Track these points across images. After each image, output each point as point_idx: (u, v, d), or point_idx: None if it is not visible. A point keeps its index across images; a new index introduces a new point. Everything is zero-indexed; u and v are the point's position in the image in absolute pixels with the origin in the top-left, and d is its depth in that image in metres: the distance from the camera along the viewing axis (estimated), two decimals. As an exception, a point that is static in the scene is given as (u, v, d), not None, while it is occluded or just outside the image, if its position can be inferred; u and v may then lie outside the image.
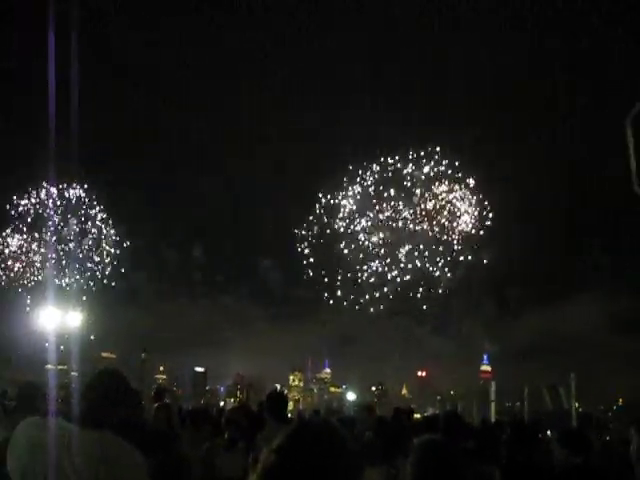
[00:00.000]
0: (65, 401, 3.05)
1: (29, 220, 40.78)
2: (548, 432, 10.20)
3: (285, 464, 1.38)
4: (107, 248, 41.97)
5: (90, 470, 2.43)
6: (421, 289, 38.79)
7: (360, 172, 39.08)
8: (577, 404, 10.55)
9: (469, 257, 38.42)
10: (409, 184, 38.67)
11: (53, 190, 41.03)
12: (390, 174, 38.87)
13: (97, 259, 41.42)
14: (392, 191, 38.75)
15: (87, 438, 2.51)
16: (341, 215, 39.07)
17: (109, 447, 2.52)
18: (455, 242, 38.37)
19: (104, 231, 41.95)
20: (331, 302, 39.85)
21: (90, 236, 41.71)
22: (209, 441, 5.64)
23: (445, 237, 38.61)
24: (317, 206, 39.40)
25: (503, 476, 4.82)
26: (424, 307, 39.17)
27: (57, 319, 29.20)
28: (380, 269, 39.16)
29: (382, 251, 39.30)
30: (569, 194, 51.23)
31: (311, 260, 39.73)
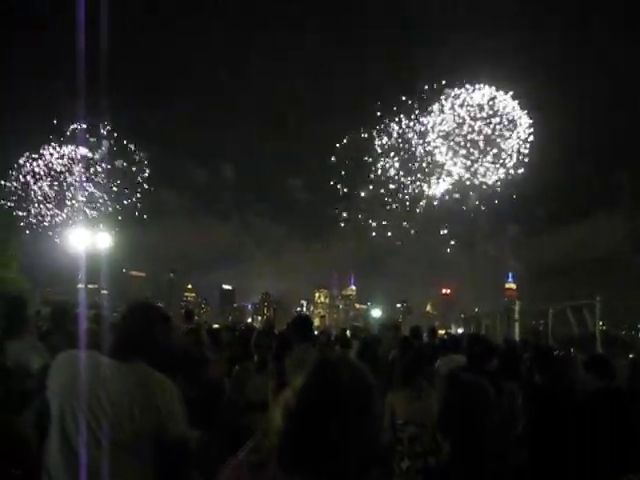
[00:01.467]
0: (97, 331, 3.11)
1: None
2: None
3: (306, 406, 1.41)
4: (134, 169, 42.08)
5: (124, 403, 2.52)
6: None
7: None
8: (603, 325, 10.58)
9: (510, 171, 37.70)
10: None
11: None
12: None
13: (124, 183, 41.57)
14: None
15: (122, 371, 2.59)
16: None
17: (142, 379, 2.59)
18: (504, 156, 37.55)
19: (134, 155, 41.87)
20: (360, 218, 39.77)
21: (119, 161, 41.63)
22: (239, 364, 5.80)
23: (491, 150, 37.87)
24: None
25: (524, 394, 4.91)
26: (446, 226, 39.04)
27: (87, 240, 29.71)
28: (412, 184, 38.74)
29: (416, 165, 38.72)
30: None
31: (342, 173, 39.38)
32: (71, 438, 2.52)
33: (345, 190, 38.76)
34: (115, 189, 41.49)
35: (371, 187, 38.68)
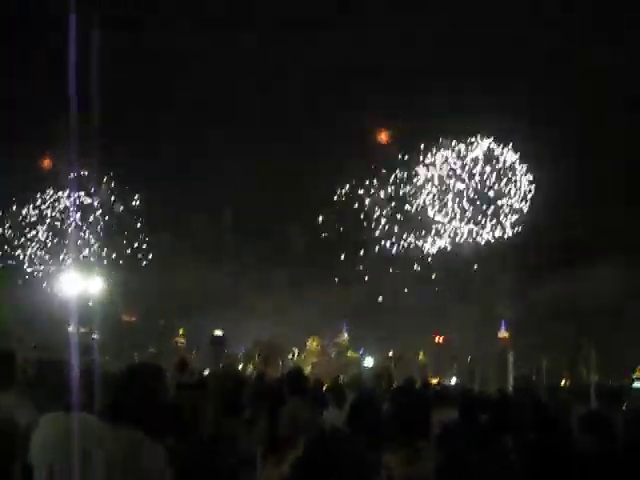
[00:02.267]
0: (89, 390, 3.06)
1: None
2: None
3: (303, 475, 1.41)
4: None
5: (117, 469, 2.46)
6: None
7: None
8: (596, 377, 10.52)
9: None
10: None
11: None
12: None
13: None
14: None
15: (115, 437, 2.53)
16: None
17: (133, 447, 2.54)
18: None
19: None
20: (357, 267, 39.92)
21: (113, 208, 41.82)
22: (230, 418, 5.69)
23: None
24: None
25: (515, 446, 4.84)
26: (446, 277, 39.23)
27: (79, 285, 29.60)
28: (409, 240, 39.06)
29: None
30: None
31: (339, 228, 39.69)
32: None
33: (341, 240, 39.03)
34: (113, 235, 41.56)
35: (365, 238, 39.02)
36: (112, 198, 42.63)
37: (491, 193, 38.48)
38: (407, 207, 39.26)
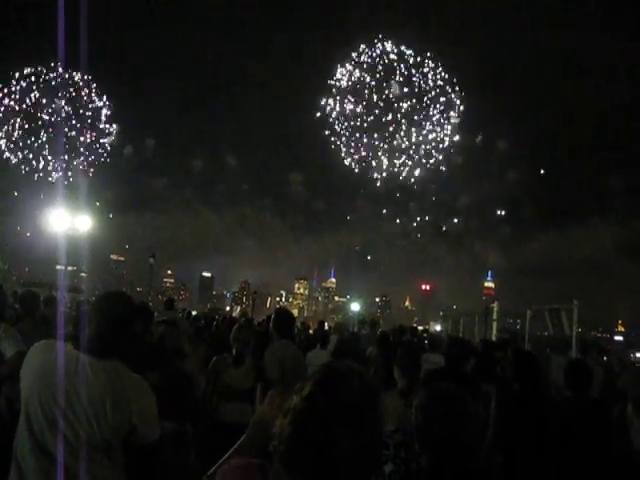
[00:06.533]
0: (74, 321, 3.06)
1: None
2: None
3: (315, 409, 1.42)
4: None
5: (98, 402, 2.47)
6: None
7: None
8: (579, 329, 10.65)
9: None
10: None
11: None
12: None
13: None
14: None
15: (96, 369, 2.53)
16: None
17: (117, 379, 2.54)
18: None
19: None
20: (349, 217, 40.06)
21: (109, 138, 41.04)
22: (217, 356, 5.75)
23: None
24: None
25: (496, 398, 4.92)
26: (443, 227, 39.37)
27: (67, 221, 29.40)
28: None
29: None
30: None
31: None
32: (44, 435, 2.46)
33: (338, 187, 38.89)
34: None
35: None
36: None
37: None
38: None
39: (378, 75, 38.05)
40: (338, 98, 38.45)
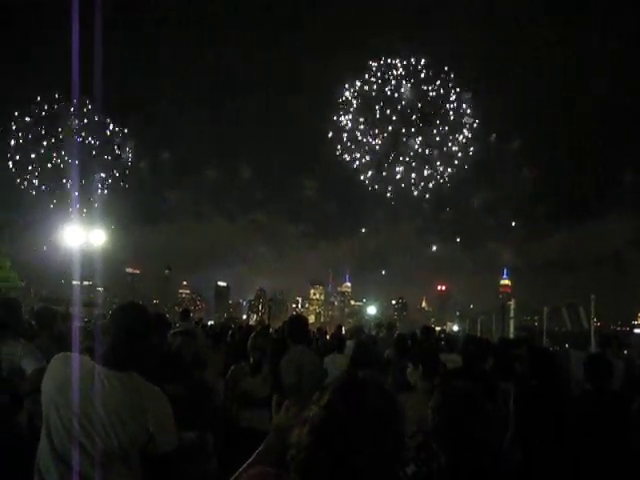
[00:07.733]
0: (90, 335, 3.09)
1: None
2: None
3: (335, 417, 1.43)
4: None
5: (116, 413, 2.49)
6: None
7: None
8: (597, 322, 10.56)
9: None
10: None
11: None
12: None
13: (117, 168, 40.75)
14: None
15: (112, 379, 2.56)
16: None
17: (134, 390, 2.57)
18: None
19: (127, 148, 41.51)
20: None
21: (127, 153, 41.11)
22: (234, 364, 5.77)
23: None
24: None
25: (515, 395, 4.89)
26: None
27: (82, 236, 29.62)
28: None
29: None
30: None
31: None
32: (64, 447, 2.49)
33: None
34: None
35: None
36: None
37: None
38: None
39: (389, 86, 37.92)
40: (350, 113, 38.25)
